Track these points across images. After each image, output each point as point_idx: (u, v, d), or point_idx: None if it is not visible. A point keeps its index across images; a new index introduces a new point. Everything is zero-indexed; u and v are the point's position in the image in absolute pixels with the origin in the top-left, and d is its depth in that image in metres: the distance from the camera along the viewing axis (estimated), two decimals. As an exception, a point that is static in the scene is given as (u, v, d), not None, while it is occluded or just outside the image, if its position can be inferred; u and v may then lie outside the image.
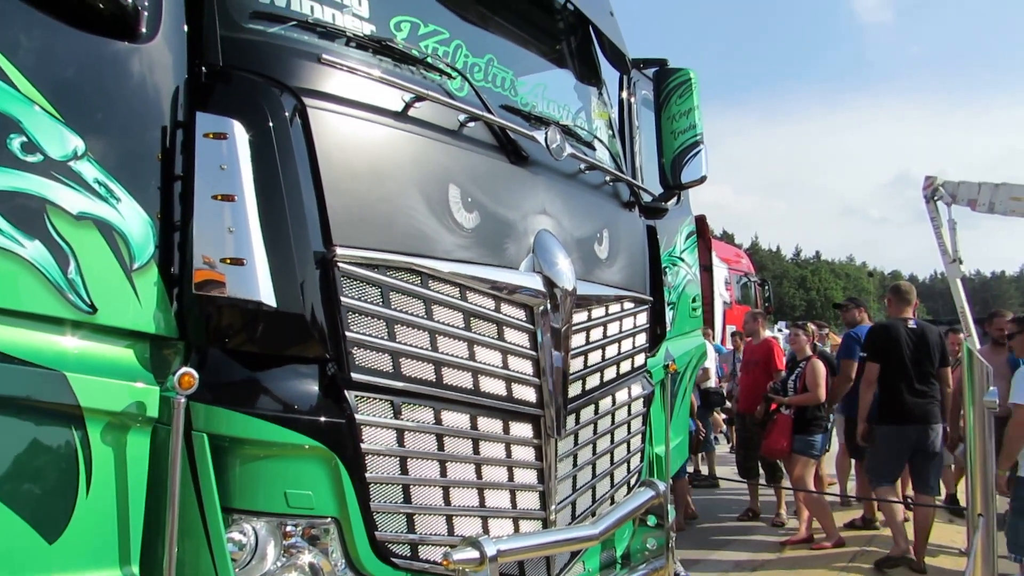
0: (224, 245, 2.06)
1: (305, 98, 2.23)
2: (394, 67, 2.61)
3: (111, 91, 2.02)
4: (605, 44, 4.17)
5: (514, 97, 3.19)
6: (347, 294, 2.21)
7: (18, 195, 1.79)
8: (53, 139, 1.85)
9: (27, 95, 1.82)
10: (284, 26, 2.36)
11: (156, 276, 2.04)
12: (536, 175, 3.02)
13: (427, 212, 2.48)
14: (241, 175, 2.08)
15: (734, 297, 18.01)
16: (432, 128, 2.59)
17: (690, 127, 4.41)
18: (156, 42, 2.12)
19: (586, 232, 3.28)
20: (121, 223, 1.97)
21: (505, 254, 2.77)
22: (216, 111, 2.14)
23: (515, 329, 2.75)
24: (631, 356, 3.56)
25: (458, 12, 3.13)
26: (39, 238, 1.81)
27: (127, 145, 2.04)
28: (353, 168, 2.30)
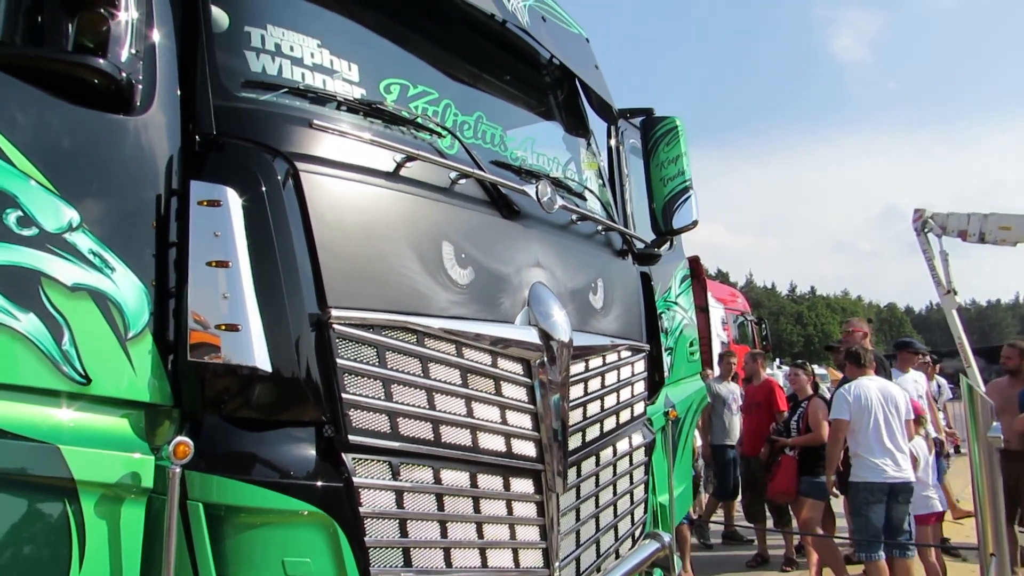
0: (219, 311, 2.06)
1: (297, 163, 2.26)
2: (385, 128, 2.65)
3: (106, 163, 2.05)
4: (592, 96, 4.25)
5: (504, 152, 3.24)
6: (342, 356, 2.21)
7: (13, 269, 1.79)
8: (48, 212, 1.87)
9: (23, 170, 1.84)
10: (276, 93, 2.41)
11: (151, 344, 2.04)
12: (528, 228, 3.04)
13: (421, 270, 2.49)
14: (235, 241, 2.09)
15: (731, 337, 17.98)
16: (424, 186, 2.63)
17: (679, 173, 4.47)
18: (150, 113, 2.16)
19: (580, 282, 3.30)
20: (116, 292, 1.97)
21: (500, 308, 2.77)
22: (210, 179, 2.16)
23: (512, 383, 2.74)
24: (631, 405, 3.54)
25: (447, 72, 3.20)
26: (33, 311, 1.81)
27: (122, 215, 2.06)
28: (346, 230, 2.32)
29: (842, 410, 6.56)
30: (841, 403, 6.59)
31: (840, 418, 6.56)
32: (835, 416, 6.64)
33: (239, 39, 2.44)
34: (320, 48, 2.61)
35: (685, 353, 5.15)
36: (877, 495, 6.33)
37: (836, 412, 6.66)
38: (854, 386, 6.62)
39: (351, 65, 2.68)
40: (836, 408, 6.68)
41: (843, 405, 6.56)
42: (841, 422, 6.53)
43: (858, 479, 6.44)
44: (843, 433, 6.53)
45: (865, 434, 6.40)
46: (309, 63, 2.55)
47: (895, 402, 6.53)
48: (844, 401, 6.57)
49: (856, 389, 6.57)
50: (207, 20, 2.39)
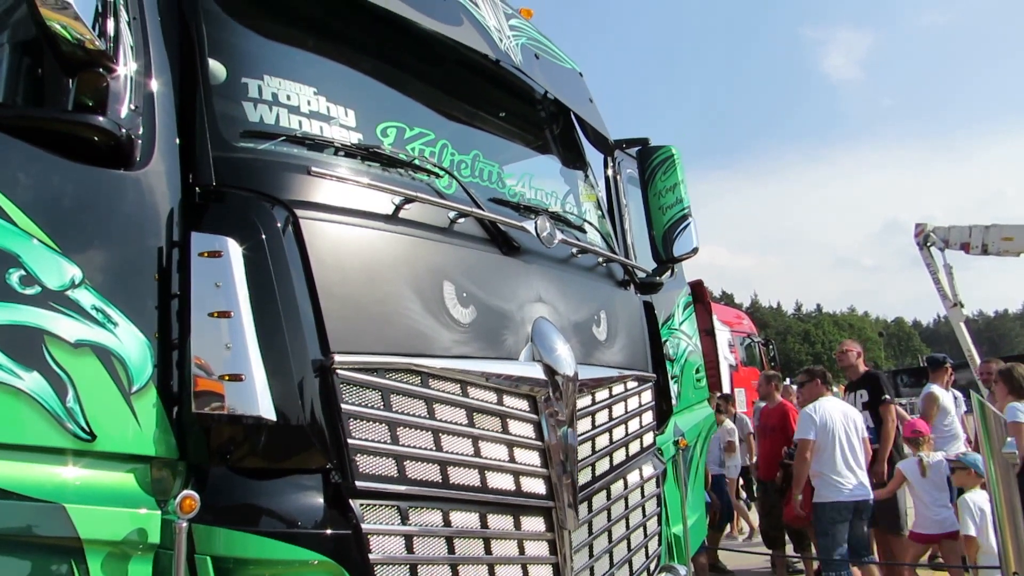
0: (222, 362, 2.06)
1: (297, 210, 2.28)
2: (383, 171, 2.68)
3: (107, 218, 2.07)
4: (587, 129, 4.29)
5: (502, 189, 3.27)
6: (347, 401, 2.20)
7: (16, 328, 1.80)
8: (51, 270, 1.88)
9: (25, 229, 1.86)
10: (274, 141, 2.44)
11: (155, 397, 2.04)
12: (529, 264, 3.05)
13: (423, 311, 2.49)
14: (237, 292, 2.10)
15: (739, 359, 17.89)
16: (423, 227, 2.64)
17: (677, 201, 4.49)
18: (150, 167, 2.18)
19: (583, 315, 3.29)
20: (119, 347, 1.98)
21: (504, 345, 2.77)
22: (210, 230, 2.18)
23: (519, 421, 2.72)
24: (639, 436, 3.51)
25: (443, 112, 3.24)
26: (37, 369, 1.81)
27: (124, 269, 2.07)
28: (347, 274, 2.33)
29: (808, 430, 6.65)
30: (807, 423, 6.70)
31: (806, 438, 6.65)
32: (801, 436, 6.73)
33: (237, 90, 2.48)
34: (316, 95, 2.65)
35: (692, 380, 5.12)
36: (843, 514, 6.46)
37: (802, 432, 6.74)
38: (818, 406, 6.76)
39: (347, 111, 2.72)
40: (802, 428, 6.77)
41: (809, 425, 6.66)
42: (807, 442, 6.63)
43: (825, 499, 6.53)
44: (810, 453, 6.63)
45: (831, 454, 6.53)
46: (306, 111, 2.59)
47: (855, 422, 6.76)
48: (810, 421, 6.67)
49: (820, 409, 6.71)
50: (205, 72, 2.43)
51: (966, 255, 18.07)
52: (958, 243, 17.82)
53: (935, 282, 18.36)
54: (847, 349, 8.06)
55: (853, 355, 7.88)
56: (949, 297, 18.33)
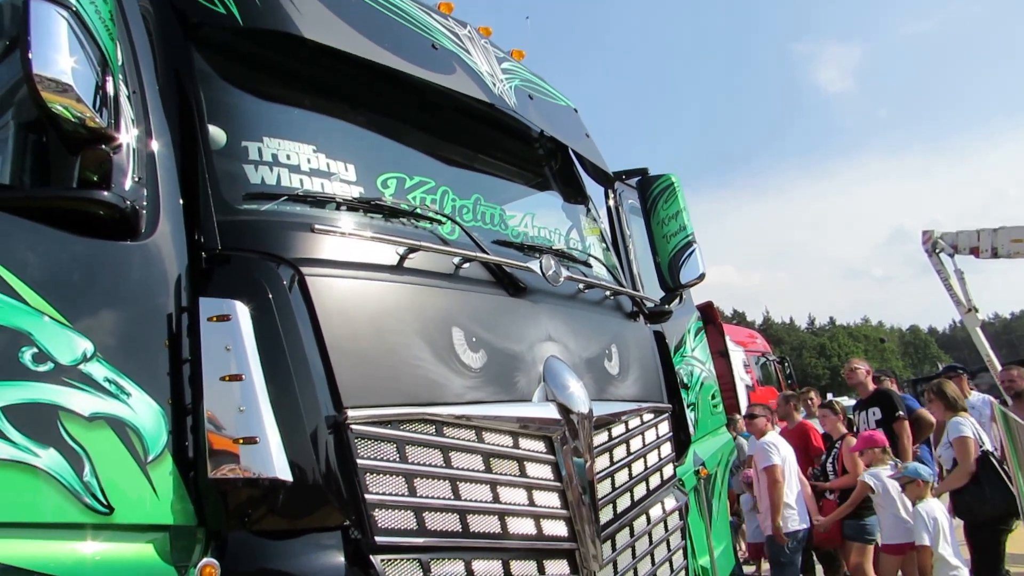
0: (236, 425, 2.07)
1: (302, 268, 2.30)
2: (385, 222, 2.70)
3: (116, 289, 2.09)
4: (586, 164, 4.33)
5: (505, 231, 3.29)
6: (362, 455, 2.20)
7: (31, 406, 1.82)
8: (63, 346, 1.90)
9: (36, 307, 1.89)
10: (277, 201, 2.47)
11: (171, 465, 2.04)
12: (537, 303, 3.06)
13: (433, 359, 2.50)
14: (247, 354, 2.12)
15: (755, 379, 17.73)
16: (429, 275, 2.66)
17: (680, 229, 4.50)
18: (155, 236, 2.21)
19: (594, 351, 3.29)
20: (133, 417, 1.99)
21: (516, 387, 2.76)
22: (218, 293, 2.20)
23: (537, 463, 2.70)
24: (659, 469, 3.48)
25: (442, 159, 3.28)
26: (53, 445, 1.82)
27: (135, 338, 2.09)
28: (356, 328, 2.34)
29: (774, 456, 6.81)
30: (771, 450, 6.86)
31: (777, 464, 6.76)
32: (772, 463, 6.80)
33: (237, 153, 2.52)
34: (316, 152, 2.69)
35: (708, 406, 5.08)
36: (801, 542, 6.75)
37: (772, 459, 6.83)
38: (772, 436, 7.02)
39: (347, 165, 2.76)
40: (769, 455, 6.88)
41: (773, 452, 6.83)
42: (778, 467, 6.76)
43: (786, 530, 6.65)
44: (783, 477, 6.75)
45: (789, 484, 6.71)
46: (307, 168, 2.62)
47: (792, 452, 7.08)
48: (773, 448, 6.85)
49: (775, 439, 7.00)
50: (205, 139, 2.48)
51: (976, 259, 17.97)
52: (967, 248, 17.71)
53: (947, 288, 18.22)
54: (855, 367, 7.98)
55: (862, 373, 7.80)
56: (963, 302, 18.17)
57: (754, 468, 7.40)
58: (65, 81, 1.91)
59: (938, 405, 6.75)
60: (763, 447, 7.05)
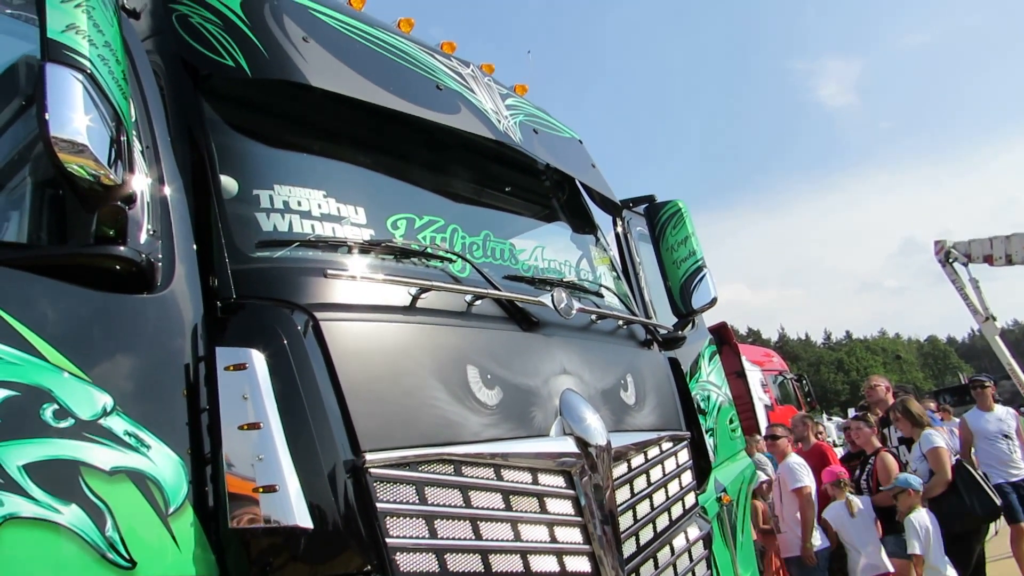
0: (255, 474, 2.08)
1: (316, 313, 2.32)
2: (397, 263, 2.73)
3: (134, 343, 2.12)
4: (593, 194, 4.36)
5: (515, 265, 3.31)
6: (382, 499, 2.19)
7: (53, 463, 1.83)
8: (83, 401, 1.92)
9: (55, 363, 1.92)
10: (289, 248, 2.50)
11: (192, 517, 2.05)
12: (550, 337, 3.06)
13: (449, 398, 2.50)
14: (264, 403, 2.13)
15: (774, 398, 17.57)
16: (442, 314, 2.67)
17: (690, 254, 4.51)
18: (171, 288, 2.25)
19: (610, 381, 3.28)
20: (154, 470, 2.00)
21: (533, 423, 2.76)
22: (233, 342, 2.22)
23: (557, 498, 2.68)
24: (681, 498, 3.44)
25: (450, 197, 3.32)
26: (75, 502, 1.83)
27: (153, 390, 2.11)
28: (371, 371, 2.35)
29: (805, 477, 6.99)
30: (801, 471, 7.06)
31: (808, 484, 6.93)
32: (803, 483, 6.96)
33: (249, 202, 2.56)
34: (326, 197, 2.73)
35: (726, 431, 5.04)
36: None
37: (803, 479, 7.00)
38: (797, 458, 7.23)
39: (357, 208, 2.79)
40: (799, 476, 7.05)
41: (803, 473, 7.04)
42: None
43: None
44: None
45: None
46: (317, 214, 2.66)
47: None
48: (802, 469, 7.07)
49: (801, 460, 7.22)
50: (217, 189, 2.52)
51: (991, 267, 17.80)
52: (980, 256, 17.57)
53: (963, 298, 18.04)
54: (875, 384, 7.94)
55: (882, 390, 7.75)
56: (980, 311, 17.99)
57: (777, 489, 7.32)
58: (81, 142, 1.95)
59: (905, 423, 7.06)
60: (793, 468, 7.10)
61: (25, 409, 1.81)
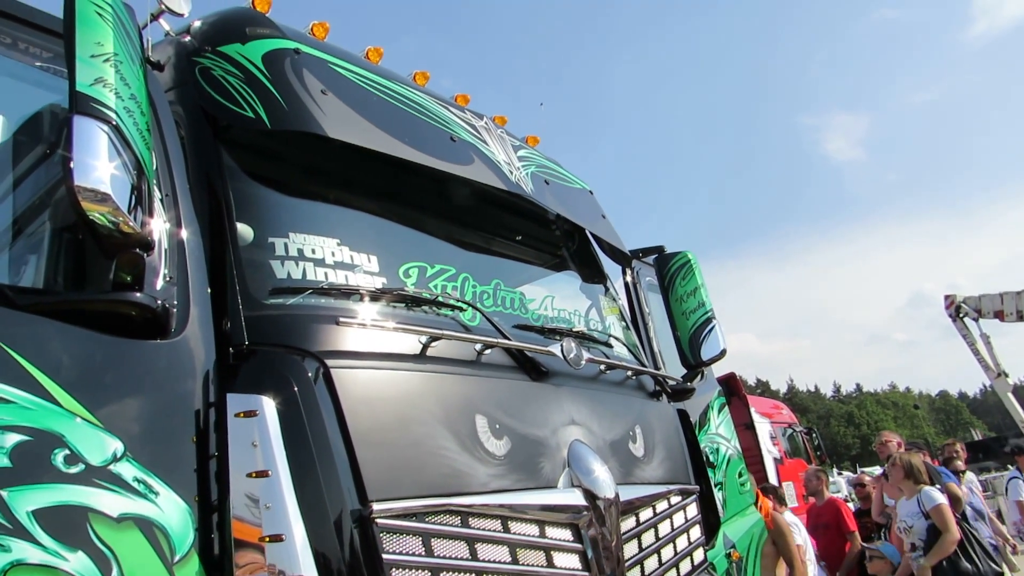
0: (262, 523, 2.06)
1: (327, 360, 2.33)
2: (408, 311, 2.75)
3: (146, 388, 2.13)
4: (603, 244, 4.39)
5: (525, 315, 3.32)
6: (388, 550, 2.17)
7: (61, 508, 1.83)
8: (93, 447, 1.93)
9: (68, 408, 1.93)
10: (302, 295, 2.53)
11: (197, 565, 2.03)
12: (559, 387, 3.06)
13: (458, 448, 2.49)
14: (274, 450, 2.13)
15: (783, 451, 17.30)
16: (451, 363, 2.68)
17: (699, 305, 4.52)
18: (185, 334, 2.27)
19: (618, 433, 3.26)
20: (161, 517, 1.99)
21: (541, 474, 2.74)
22: (244, 389, 2.23)
23: (564, 552, 2.65)
24: (689, 554, 3.39)
25: (461, 246, 3.35)
26: (82, 548, 1.83)
27: (163, 436, 2.12)
28: (380, 419, 2.36)
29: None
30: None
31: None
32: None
33: (264, 250, 2.60)
34: (340, 246, 2.77)
35: (735, 485, 4.97)
36: None
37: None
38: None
39: (370, 257, 2.82)
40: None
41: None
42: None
43: None
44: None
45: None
46: (331, 262, 2.69)
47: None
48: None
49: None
50: (233, 237, 2.57)
51: (1001, 323, 17.71)
52: (991, 311, 17.50)
53: (974, 353, 17.90)
54: (886, 440, 7.80)
55: (894, 446, 7.62)
56: (991, 367, 17.80)
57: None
58: (103, 190, 1.99)
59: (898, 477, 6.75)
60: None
61: (37, 454, 1.82)
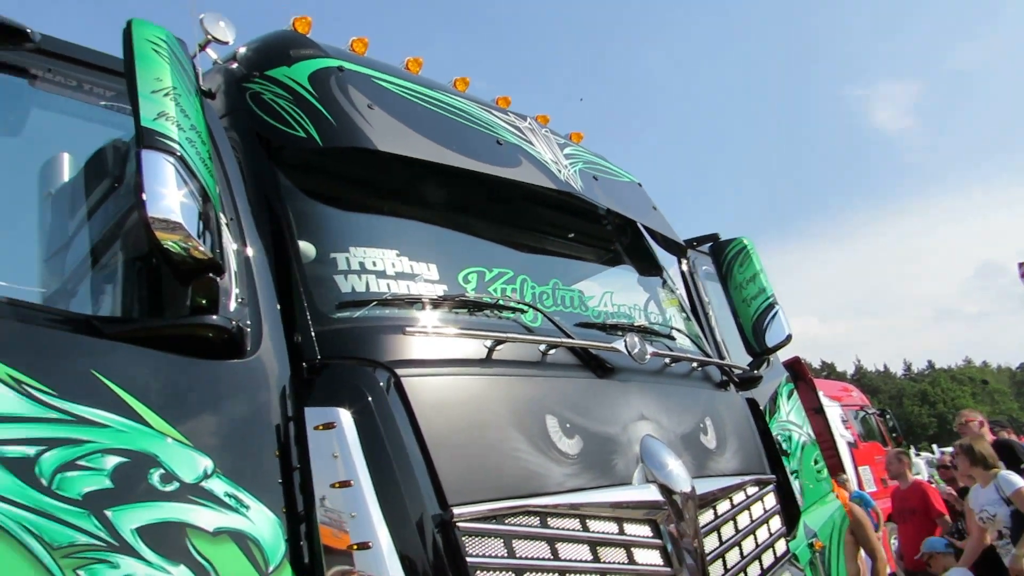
0: (349, 531, 2.12)
1: (398, 370, 2.38)
2: (471, 317, 2.78)
3: (229, 407, 2.22)
4: (656, 236, 4.36)
5: (585, 312, 3.32)
6: (472, 552, 2.20)
7: (161, 525, 1.92)
8: (186, 465, 2.02)
9: (159, 430, 2.02)
10: (367, 308, 2.58)
11: (290, 574, 2.09)
12: (626, 383, 3.05)
13: (531, 449, 2.51)
14: (354, 460, 2.18)
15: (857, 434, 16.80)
16: (517, 365, 2.70)
17: (760, 291, 4.44)
18: (260, 353, 2.35)
19: (689, 426, 3.23)
20: (253, 529, 2.06)
21: (615, 471, 2.73)
22: (321, 403, 2.29)
23: (644, 548, 2.63)
24: (771, 545, 3.33)
25: (517, 248, 3.37)
26: (183, 562, 1.91)
27: (248, 452, 2.19)
28: (453, 425, 2.39)
29: None
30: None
31: None
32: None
33: (327, 265, 2.67)
34: (399, 256, 2.82)
35: (812, 472, 4.86)
36: None
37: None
38: None
39: (429, 265, 2.87)
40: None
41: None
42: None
43: None
44: None
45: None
46: (392, 273, 2.74)
47: None
48: None
49: None
50: (297, 256, 2.64)
51: (1079, 286, 16.88)
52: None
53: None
54: (968, 420, 7.45)
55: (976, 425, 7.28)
56: (1074, 334, 16.94)
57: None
58: (175, 220, 2.07)
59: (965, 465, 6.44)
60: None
61: (135, 474, 1.91)
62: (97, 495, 1.86)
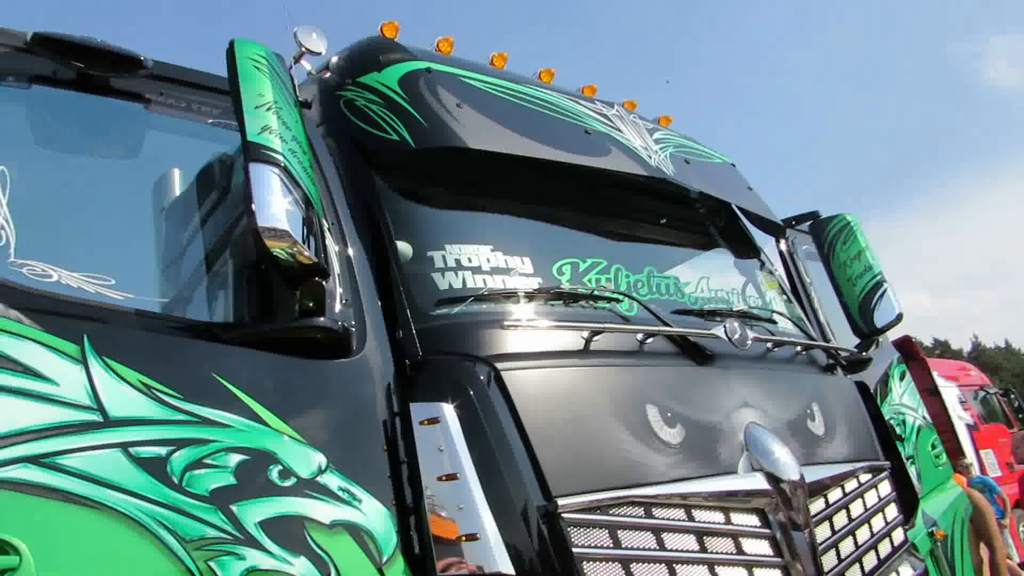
0: (457, 523, 2.18)
1: (498, 364, 2.42)
2: (567, 308, 2.79)
3: (338, 405, 2.32)
4: (752, 217, 4.23)
5: (682, 299, 3.26)
6: (578, 543, 2.21)
7: (282, 519, 2.03)
8: (302, 461, 2.12)
9: (276, 428, 2.13)
10: (465, 304, 2.63)
11: (403, 565, 2.17)
12: (727, 369, 2.98)
13: (632, 439, 2.50)
14: (459, 454, 2.24)
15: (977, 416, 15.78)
16: (616, 355, 2.69)
17: (866, 269, 4.25)
18: (365, 352, 2.43)
19: (795, 412, 3.12)
20: (366, 522, 2.15)
21: (719, 460, 2.68)
22: (425, 398, 2.36)
23: (753, 538, 2.58)
24: (887, 534, 3.18)
25: (610, 237, 3.35)
26: (304, 554, 2.01)
27: (358, 447, 2.29)
28: (554, 416, 2.41)
29: None
30: None
31: None
32: None
33: (425, 264, 2.73)
34: (494, 251, 2.85)
35: (929, 458, 4.60)
36: None
37: None
38: None
39: (523, 259, 2.89)
40: None
41: None
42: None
43: None
44: None
45: None
46: (487, 268, 2.78)
47: None
48: None
49: None
50: (395, 255, 2.72)
51: None
52: None
53: None
54: None
55: None
56: None
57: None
58: (282, 228, 2.17)
59: None
60: None
61: (256, 471, 2.03)
62: (223, 491, 1.99)
